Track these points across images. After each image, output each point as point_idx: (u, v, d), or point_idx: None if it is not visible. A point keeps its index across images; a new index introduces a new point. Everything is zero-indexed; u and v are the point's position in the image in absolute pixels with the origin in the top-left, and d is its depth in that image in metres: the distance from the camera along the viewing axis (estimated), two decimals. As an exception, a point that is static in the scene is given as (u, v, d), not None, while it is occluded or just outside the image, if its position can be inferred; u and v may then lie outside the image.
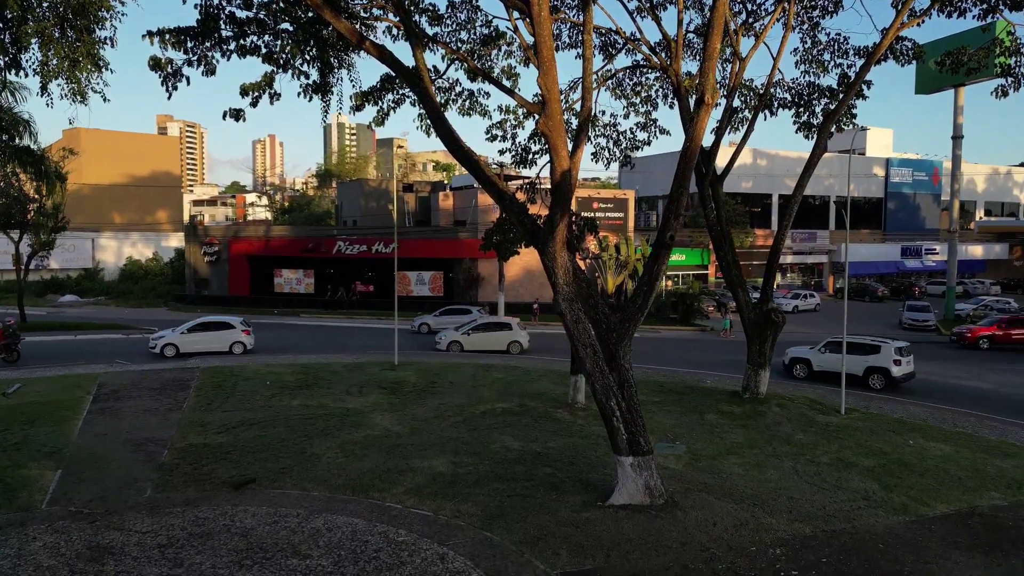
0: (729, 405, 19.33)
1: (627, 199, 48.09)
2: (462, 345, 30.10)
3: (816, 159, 19.49)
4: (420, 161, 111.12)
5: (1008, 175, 71.58)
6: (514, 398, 19.81)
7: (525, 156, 20.66)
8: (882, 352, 23.56)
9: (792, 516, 11.92)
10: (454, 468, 13.87)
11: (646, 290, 12.22)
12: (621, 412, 11.86)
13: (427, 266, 46.06)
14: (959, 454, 15.78)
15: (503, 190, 12.91)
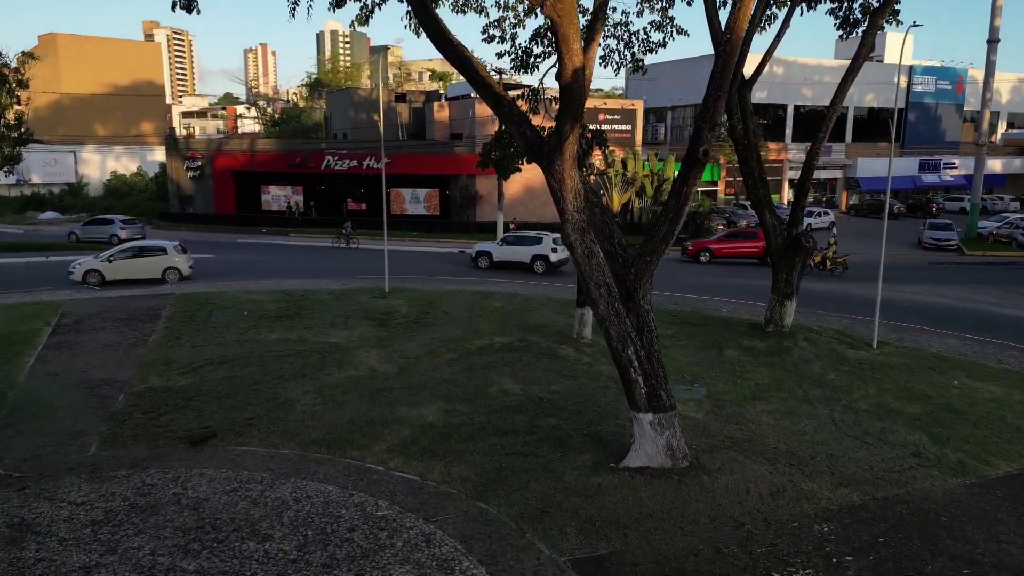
0: (751, 339, 17.57)
1: (635, 110, 45.15)
2: (102, 275, 24.56)
3: (861, 62, 17.00)
4: (415, 70, 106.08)
5: (1035, 84, 67.74)
6: (514, 331, 18.03)
7: (526, 60, 18.07)
8: (543, 243, 28.76)
9: (836, 479, 10.29)
10: (446, 418, 12.20)
11: (673, 216, 10.17)
12: (640, 362, 10.04)
13: (422, 183, 43.61)
14: (1012, 397, 14.12)
15: (501, 95, 10.67)
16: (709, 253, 33.10)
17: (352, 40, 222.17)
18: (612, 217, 10.61)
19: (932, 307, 23.74)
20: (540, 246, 28.72)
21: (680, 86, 56.07)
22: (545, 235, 29.18)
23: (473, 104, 44.22)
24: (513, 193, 40.79)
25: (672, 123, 58.75)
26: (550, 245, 28.38)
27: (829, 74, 57.38)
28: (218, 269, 28.69)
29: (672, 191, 10.29)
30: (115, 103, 76.60)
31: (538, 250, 28.63)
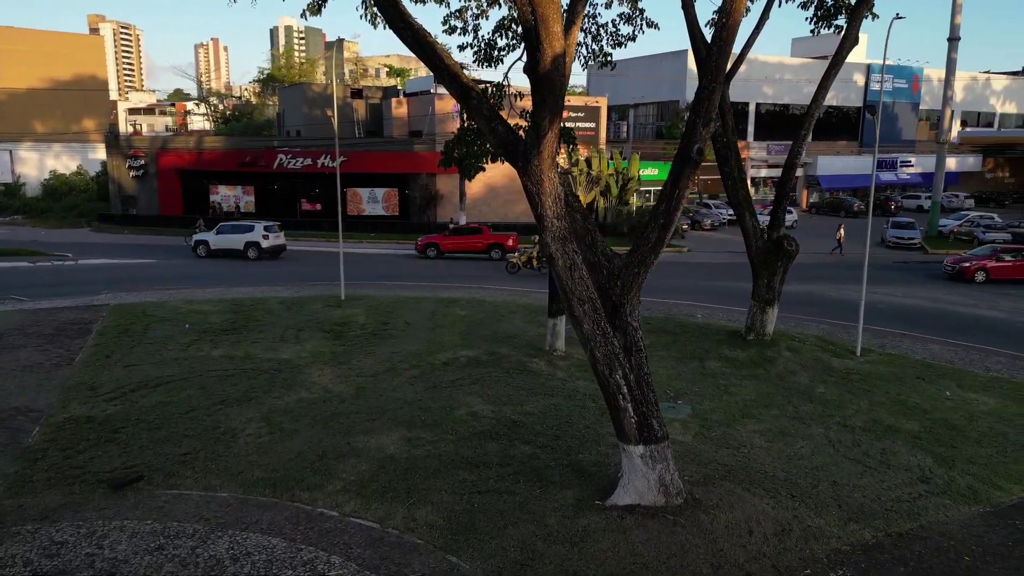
0: (732, 349, 16.62)
1: (599, 107, 44.23)
2: None
3: (844, 55, 16.17)
4: (372, 66, 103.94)
5: (986, 83, 69.08)
6: (481, 343, 16.78)
7: (490, 53, 16.83)
8: (255, 230, 31.45)
9: (844, 513, 9.31)
10: (409, 448, 10.89)
11: (663, 222, 9.04)
12: (629, 387, 8.90)
13: (380, 182, 41.98)
14: (1007, 409, 13.40)
15: (469, 86, 9.42)
16: (436, 248, 33.36)
17: (307, 36, 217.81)
18: (594, 224, 9.46)
19: (908, 309, 23.27)
20: (252, 234, 31.46)
21: (643, 83, 55.47)
22: (257, 223, 32.25)
23: (433, 100, 42.82)
24: (475, 192, 39.51)
25: (635, 121, 58.11)
26: (261, 232, 31.39)
27: (790, 72, 57.43)
28: (160, 276, 26.83)
29: (662, 194, 9.17)
30: (55, 99, 72.86)
31: (250, 237, 31.39)
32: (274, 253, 32.07)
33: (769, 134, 57.38)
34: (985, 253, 30.42)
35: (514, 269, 28.51)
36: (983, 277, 28.99)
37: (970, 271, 29.15)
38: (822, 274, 29.93)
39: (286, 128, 54.51)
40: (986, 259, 29.64)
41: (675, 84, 54.73)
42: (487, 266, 31.28)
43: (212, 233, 32.31)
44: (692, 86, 53.47)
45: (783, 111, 59.28)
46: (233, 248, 31.59)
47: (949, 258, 31.53)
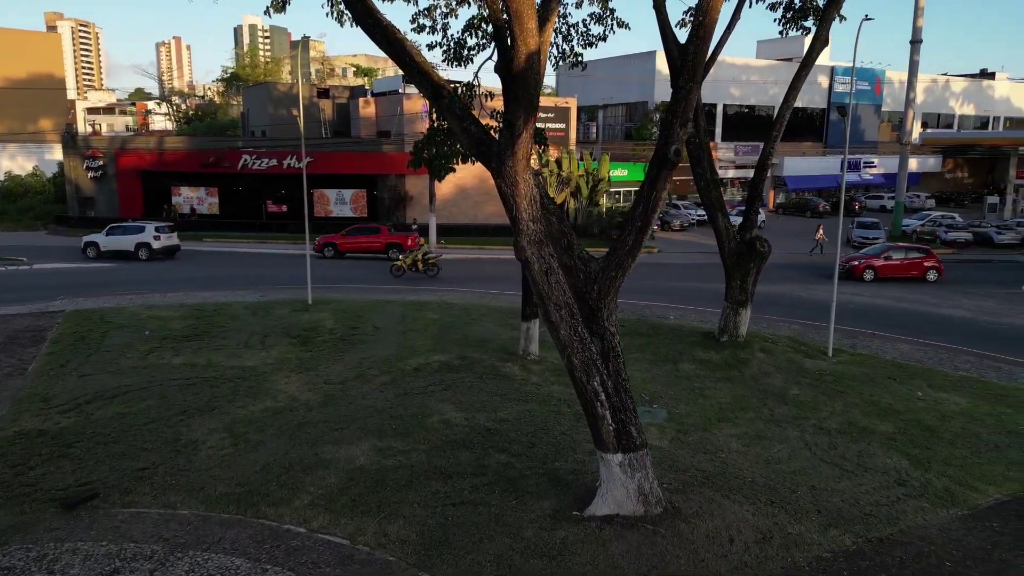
0: (706, 351, 16.53)
1: (569, 108, 44.14)
2: None
3: (815, 56, 16.17)
4: (339, 65, 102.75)
5: (946, 86, 70.61)
6: (452, 347, 16.45)
7: (459, 52, 16.53)
8: (145, 231, 31.58)
9: (823, 519, 9.18)
10: (379, 459, 10.53)
11: (641, 224, 8.83)
12: (607, 394, 8.67)
13: (348, 183, 41.36)
14: (978, 408, 13.48)
15: (440, 84, 9.13)
16: (334, 248, 33.19)
17: (272, 35, 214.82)
18: (570, 227, 9.21)
19: (875, 309, 23.49)
20: (143, 234, 31.49)
21: (612, 84, 55.58)
22: (148, 224, 32.51)
23: (401, 100, 42.35)
24: (445, 193, 39.12)
25: (604, 122, 58.21)
26: (152, 233, 31.47)
27: (756, 73, 58.04)
28: (119, 280, 25.99)
29: (639, 195, 8.96)
30: (10, 98, 70.82)
31: (141, 238, 31.39)
32: (167, 254, 32.15)
33: (736, 135, 57.96)
34: (875, 252, 31.16)
35: (399, 272, 27.30)
36: (871, 275, 29.72)
37: (859, 269, 29.77)
38: (790, 275, 30.15)
39: (251, 128, 53.49)
40: (874, 258, 30.44)
41: (644, 85, 54.96)
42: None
43: (102, 235, 31.93)
44: (661, 87, 53.77)
45: (750, 112, 59.92)
46: (124, 249, 31.49)
47: (843, 257, 31.54)
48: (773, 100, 59.63)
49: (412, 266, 27.46)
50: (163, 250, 31.84)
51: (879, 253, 30.70)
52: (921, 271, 29.72)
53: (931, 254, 30.68)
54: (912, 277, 29.66)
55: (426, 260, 27.64)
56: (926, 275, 29.60)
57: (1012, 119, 75.46)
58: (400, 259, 27.78)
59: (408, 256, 27.73)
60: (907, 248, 31.60)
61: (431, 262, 27.67)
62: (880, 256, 30.38)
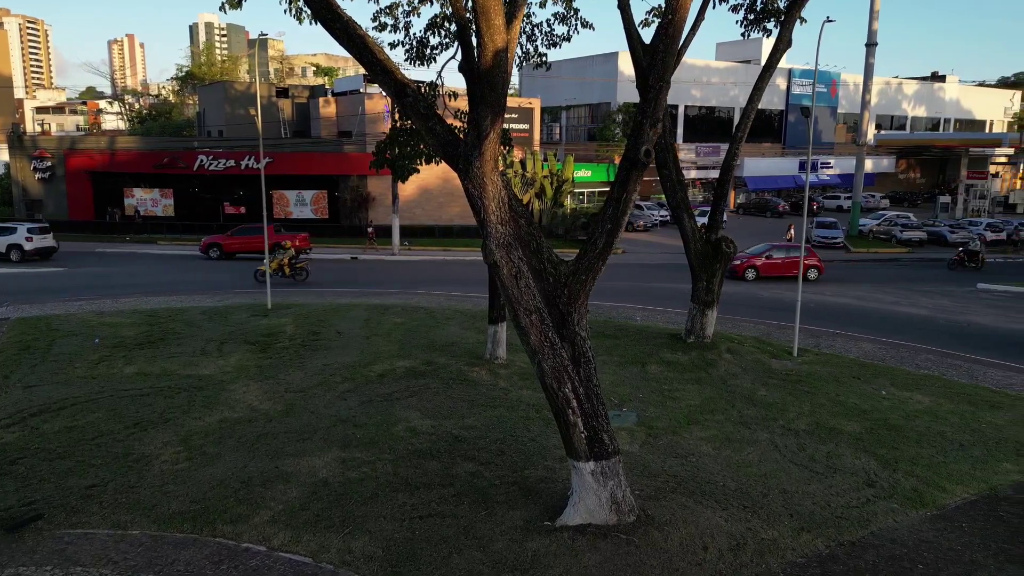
0: (673, 352, 16.47)
1: (533, 109, 44.04)
2: None
3: (779, 57, 16.24)
4: (299, 65, 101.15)
5: (899, 88, 72.37)
6: (418, 352, 16.10)
7: (422, 52, 16.26)
8: (17, 232, 31.13)
9: (796, 523, 9.10)
10: (343, 471, 10.16)
11: (611, 227, 8.64)
12: (578, 400, 8.45)
13: (308, 184, 40.60)
14: (941, 407, 13.62)
15: (404, 82, 8.82)
16: (219, 248, 33.09)
17: (229, 34, 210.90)
18: (539, 229, 8.98)
19: (837, 308, 23.78)
20: (14, 236, 31.08)
21: (574, 85, 55.67)
22: (21, 225, 32.23)
23: (363, 100, 41.74)
24: (408, 194, 38.65)
25: (567, 123, 58.28)
26: (24, 235, 31.07)
27: (716, 75, 58.71)
28: (68, 285, 25.02)
29: (609, 197, 8.77)
30: (-49, 95, 68.12)
31: (12, 239, 30.99)
32: (42, 255, 31.59)
33: (697, 136, 58.58)
34: (757, 251, 31.42)
35: (262, 278, 24.39)
36: (753, 275, 29.98)
37: (740, 268, 29.89)
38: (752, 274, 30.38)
39: (207, 128, 52.23)
40: (756, 257, 30.67)
41: (606, 86, 55.17)
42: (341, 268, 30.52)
43: None
44: (624, 88, 54.03)
45: (710, 113, 60.61)
46: None
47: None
48: (733, 101, 60.47)
49: (278, 271, 25.72)
50: (36, 252, 31.12)
51: (761, 253, 30.88)
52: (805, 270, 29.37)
53: (811, 253, 30.54)
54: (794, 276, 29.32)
55: (293, 265, 26.03)
56: (807, 274, 29.40)
57: (961, 121, 77.75)
58: (263, 264, 24.90)
59: (273, 260, 25.55)
60: (788, 248, 31.67)
61: (299, 267, 26.17)
62: (762, 256, 30.55)
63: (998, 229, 41.99)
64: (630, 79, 52.97)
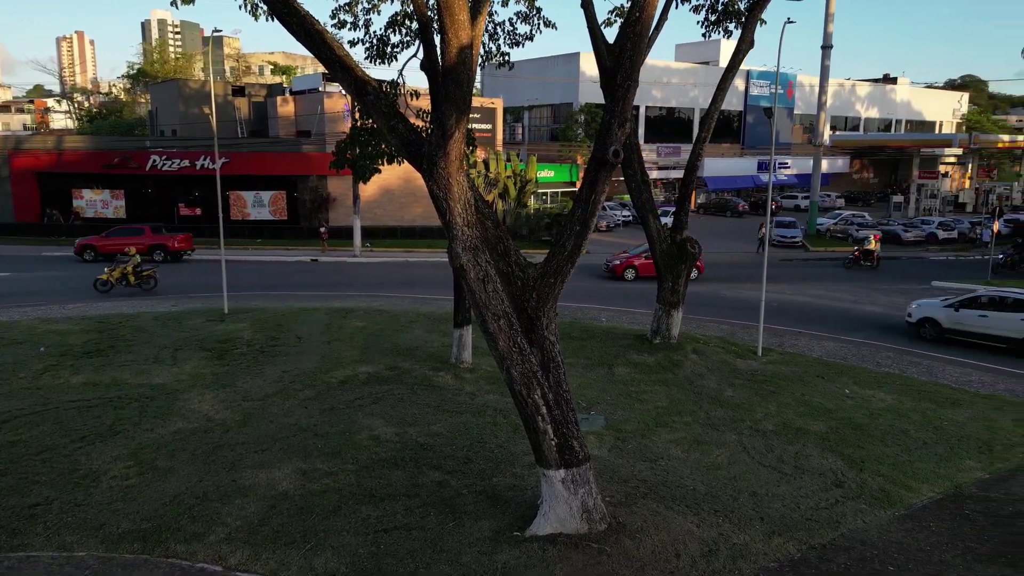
0: (639, 353, 16.39)
1: (495, 109, 43.80)
2: None
3: (741, 58, 16.28)
4: (256, 63, 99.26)
5: (852, 90, 73.94)
6: (381, 356, 15.74)
7: (383, 49, 15.91)
8: None
9: (767, 526, 9.03)
10: (304, 483, 9.78)
11: (580, 229, 8.44)
12: (548, 407, 8.24)
13: (266, 184, 39.69)
14: (903, 405, 13.77)
15: (365, 80, 8.51)
16: (94, 251, 31.18)
17: (183, 31, 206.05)
18: (506, 231, 8.74)
19: (798, 306, 24.01)
20: None
21: (536, 85, 55.58)
22: None
23: (322, 98, 41.01)
24: (369, 195, 38.07)
25: (529, 123, 58.17)
26: None
27: (676, 76, 59.19)
28: (12, 291, 23.97)
29: (577, 199, 8.57)
30: None
31: None
32: None
33: (658, 137, 58.94)
34: (637, 252, 30.22)
35: (105, 287, 23.50)
36: (632, 275, 29.27)
37: (619, 269, 29.33)
38: (715, 274, 30.61)
39: (160, 127, 50.81)
40: (636, 257, 29.81)
41: (568, 87, 55.20)
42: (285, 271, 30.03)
43: None
44: (585, 89, 54.10)
45: (670, 114, 61.09)
46: None
47: (607, 257, 31.45)
48: (693, 102, 61.05)
49: (122, 280, 23.89)
50: None
51: (640, 253, 29.50)
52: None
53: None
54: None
55: (139, 273, 24.30)
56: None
57: (912, 122, 79.77)
58: (107, 272, 23.79)
59: (116, 269, 23.95)
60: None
61: (145, 275, 24.68)
62: (641, 256, 29.26)
63: (949, 227, 43.09)
64: (592, 79, 53.05)
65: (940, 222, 44.04)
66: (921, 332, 19.93)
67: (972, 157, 65.41)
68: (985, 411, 13.45)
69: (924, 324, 19.98)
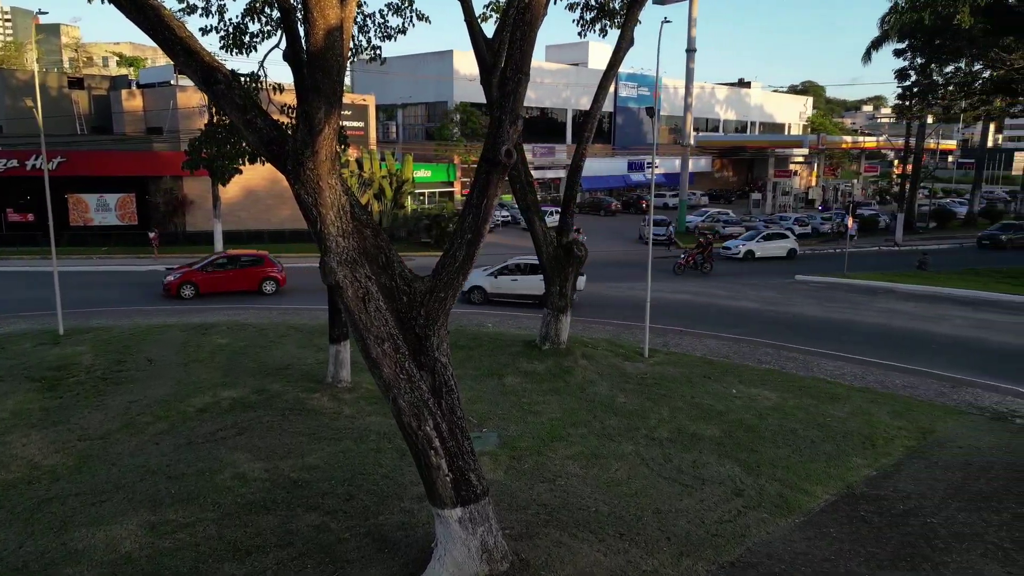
0: (530, 361, 15.75)
1: (367, 106, 42.08)
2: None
3: (621, 57, 16.01)
4: (98, 54, 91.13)
5: (712, 92, 77.72)
6: (247, 379, 14.17)
7: (240, 39, 14.42)
8: None
9: (674, 547, 8.56)
10: (152, 540, 8.31)
11: (471, 237, 7.57)
12: (442, 438, 7.32)
13: (112, 186, 36.03)
14: (787, 403, 13.91)
15: (212, 66, 7.25)
16: None
17: (14, 18, 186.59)
18: (388, 240, 7.72)
19: (677, 305, 24.36)
20: None
21: (410, 83, 54.22)
22: None
23: (174, 92, 37.77)
24: (232, 197, 35.40)
25: (404, 121, 56.69)
26: None
27: (549, 76, 59.67)
28: None
29: (467, 204, 7.69)
30: None
31: None
32: None
33: (532, 137, 59.20)
34: (200, 266, 25.04)
35: None
36: (191, 291, 24.05)
37: (173, 286, 24.04)
38: (596, 273, 30.69)
39: (-17, 122, 45.05)
40: (197, 272, 24.66)
41: (442, 85, 54.27)
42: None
43: None
44: (460, 87, 53.37)
45: (544, 114, 61.56)
46: None
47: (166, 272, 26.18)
48: (565, 103, 61.87)
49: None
50: None
51: (205, 264, 25.13)
52: (255, 283, 25.05)
53: (267, 262, 25.71)
54: (245, 291, 24.89)
55: None
56: (262, 286, 25.01)
57: (765, 123, 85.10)
58: None
59: None
60: (238, 258, 26.04)
61: None
62: (204, 270, 24.78)
63: (804, 223, 45.90)
64: (467, 78, 52.39)
65: (796, 218, 46.80)
66: (471, 298, 23.44)
67: (819, 157, 70.50)
68: (862, 404, 13.83)
69: (474, 291, 23.65)
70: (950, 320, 22.26)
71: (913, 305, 24.84)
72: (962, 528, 9.16)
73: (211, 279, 24.73)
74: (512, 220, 47.68)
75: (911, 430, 12.54)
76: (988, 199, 60.78)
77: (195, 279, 24.41)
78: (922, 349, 18.59)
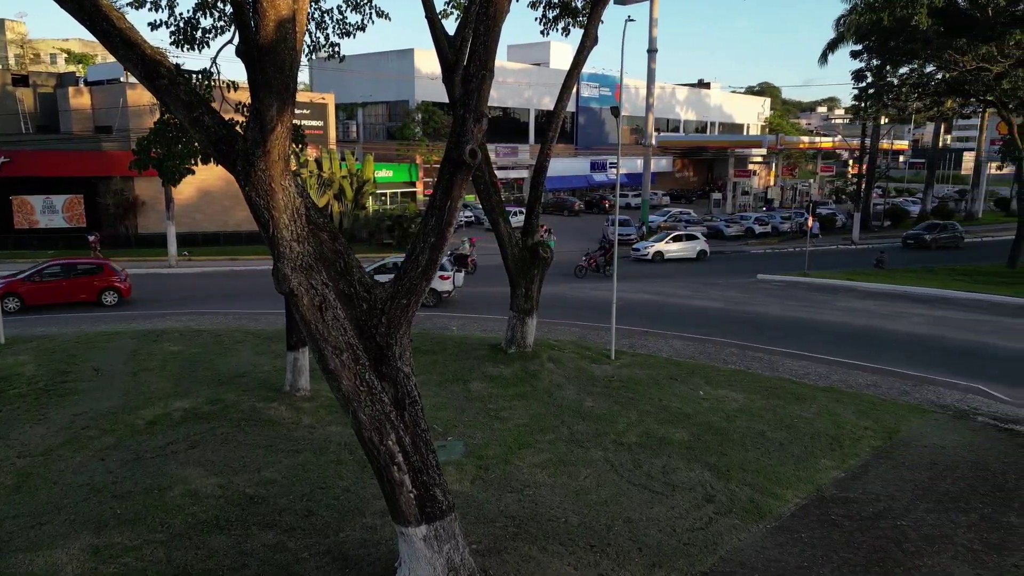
0: (496, 365, 15.43)
1: (327, 104, 41.31)
2: None
3: (585, 56, 15.79)
4: (46, 51, 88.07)
5: (672, 93, 78.33)
6: (201, 388, 13.58)
7: (191, 35, 13.84)
8: None
9: (646, 558, 8.34)
10: (95, 566, 7.79)
11: (435, 241, 7.23)
12: (405, 453, 6.97)
13: (59, 187, 34.71)
14: (755, 404, 13.84)
15: (156, 60, 6.79)
16: None
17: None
18: (346, 245, 7.34)
19: (641, 305, 24.29)
20: None
21: (370, 82, 53.44)
22: None
23: (124, 90, 36.56)
24: (185, 198, 34.39)
25: (364, 121, 55.88)
26: None
27: (511, 76, 59.41)
28: None
29: (431, 207, 7.35)
30: None
31: None
32: None
33: (495, 137, 58.89)
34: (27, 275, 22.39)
35: None
36: (15, 305, 21.39)
37: None
38: (561, 272, 30.52)
39: (-80, 120, 43.08)
40: (21, 283, 21.95)
41: (403, 84, 53.61)
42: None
43: None
44: (421, 86, 52.75)
45: (506, 114, 61.29)
46: None
47: None
48: (528, 103, 61.68)
49: None
50: None
51: (29, 276, 22.37)
52: (93, 294, 22.84)
53: (107, 270, 23.50)
54: (82, 301, 22.67)
55: None
56: (101, 298, 22.78)
57: (724, 124, 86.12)
58: None
59: None
60: (74, 266, 23.52)
61: None
62: (31, 280, 22.21)
63: (764, 223, 46.48)
64: (429, 76, 51.82)
65: (756, 217, 47.36)
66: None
67: (777, 157, 71.54)
68: (828, 404, 13.83)
69: None
70: (908, 318, 22.59)
71: (873, 303, 25.19)
72: (931, 530, 9.13)
73: (39, 290, 22.12)
74: (476, 220, 47.34)
75: (876, 430, 12.55)
76: (940, 198, 62.38)
77: (19, 290, 21.73)
78: (884, 347, 18.77)
